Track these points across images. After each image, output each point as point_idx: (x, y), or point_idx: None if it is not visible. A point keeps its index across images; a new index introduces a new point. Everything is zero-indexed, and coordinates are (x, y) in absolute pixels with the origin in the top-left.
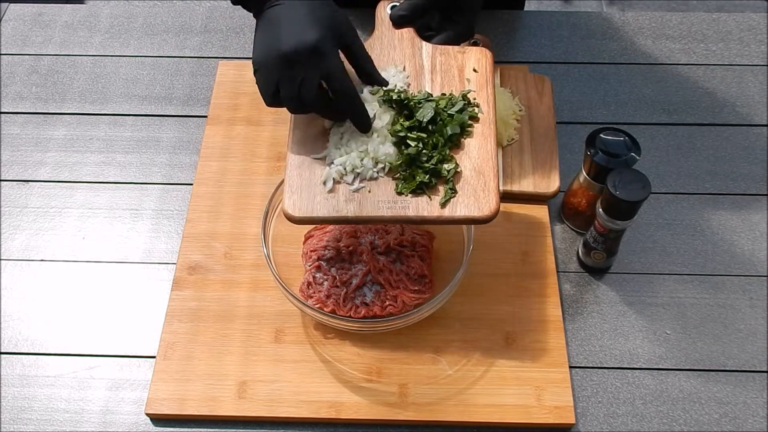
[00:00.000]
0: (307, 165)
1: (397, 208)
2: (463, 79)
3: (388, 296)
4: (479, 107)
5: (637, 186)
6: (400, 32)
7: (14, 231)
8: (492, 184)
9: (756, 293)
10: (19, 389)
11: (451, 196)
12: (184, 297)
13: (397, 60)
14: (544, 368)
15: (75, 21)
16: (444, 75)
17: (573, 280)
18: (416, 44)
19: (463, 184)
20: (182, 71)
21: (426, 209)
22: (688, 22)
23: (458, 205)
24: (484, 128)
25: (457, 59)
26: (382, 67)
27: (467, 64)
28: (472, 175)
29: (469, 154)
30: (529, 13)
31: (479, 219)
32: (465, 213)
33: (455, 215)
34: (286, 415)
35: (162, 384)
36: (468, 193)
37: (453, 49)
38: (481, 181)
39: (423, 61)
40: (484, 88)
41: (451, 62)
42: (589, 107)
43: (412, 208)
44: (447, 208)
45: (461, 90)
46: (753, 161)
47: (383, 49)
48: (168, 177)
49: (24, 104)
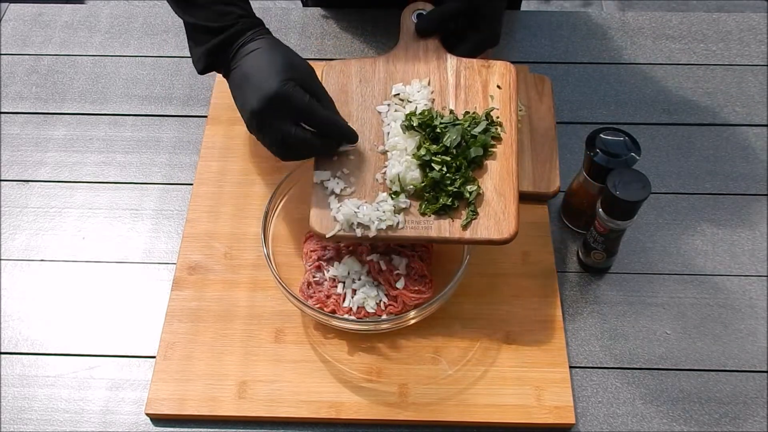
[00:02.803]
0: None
1: (420, 229)
2: (486, 95)
3: (388, 296)
4: (502, 126)
5: (637, 186)
6: (425, 43)
7: (14, 231)
8: (512, 207)
9: (756, 293)
10: (19, 389)
11: (472, 218)
12: (184, 297)
13: (422, 73)
14: (544, 368)
15: (75, 21)
16: (468, 91)
17: (573, 280)
18: (441, 56)
19: (484, 206)
20: (182, 71)
21: (448, 230)
22: (688, 22)
23: (479, 227)
24: (506, 148)
25: (482, 74)
26: (406, 80)
27: (491, 80)
28: (493, 196)
29: (491, 175)
30: (529, 13)
31: (499, 241)
32: (486, 235)
33: (476, 237)
34: (286, 415)
35: (162, 384)
36: (489, 215)
37: (477, 62)
38: (502, 204)
39: (448, 75)
40: (507, 105)
41: (476, 77)
42: (589, 107)
43: (434, 229)
44: (468, 231)
45: (484, 108)
46: (753, 161)
47: (408, 60)
48: (168, 177)
49: (24, 104)
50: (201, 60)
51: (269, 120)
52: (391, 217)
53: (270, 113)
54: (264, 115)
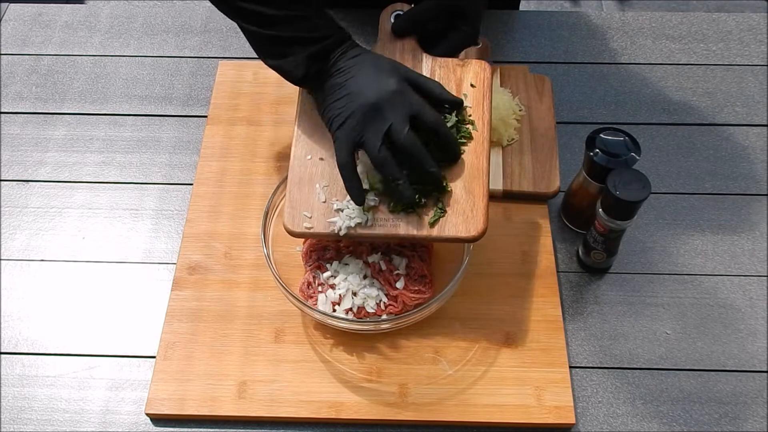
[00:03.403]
0: (306, 181)
1: (389, 226)
2: (460, 94)
3: (388, 296)
4: (473, 124)
5: (637, 186)
6: (401, 43)
7: (14, 231)
8: (481, 204)
9: (756, 293)
10: (19, 389)
11: (440, 215)
12: (184, 297)
13: None
14: (544, 368)
15: (75, 21)
16: None
17: (573, 280)
18: (417, 56)
19: (453, 203)
20: (182, 71)
21: (416, 228)
22: (688, 22)
23: (447, 224)
24: (477, 146)
25: (456, 73)
26: None
27: (465, 78)
28: (462, 194)
29: (461, 173)
30: (529, 13)
31: (466, 239)
32: (453, 233)
33: (443, 235)
34: (286, 415)
35: (162, 384)
36: (457, 212)
37: (453, 61)
38: (470, 201)
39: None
40: (480, 104)
41: (450, 76)
42: (589, 107)
43: (402, 227)
44: (436, 228)
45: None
46: (753, 161)
47: None
48: (168, 177)
49: (24, 104)
50: (301, 66)
51: (385, 113)
52: (360, 215)
53: (385, 107)
54: (379, 108)
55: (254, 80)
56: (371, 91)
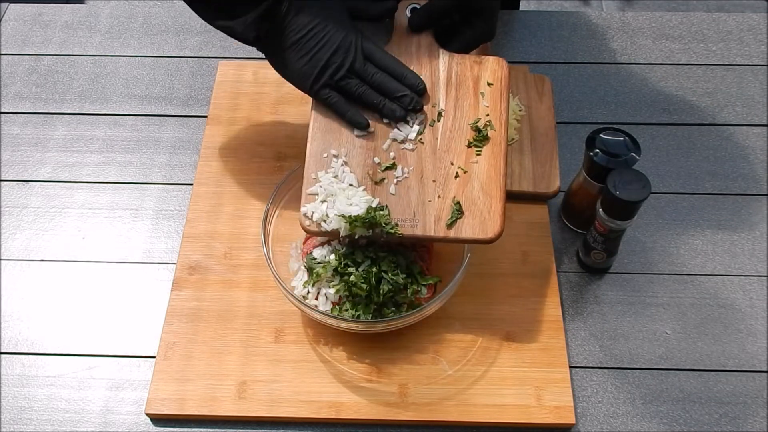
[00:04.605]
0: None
1: (406, 227)
2: (477, 93)
3: None
4: (491, 124)
5: (637, 186)
6: (418, 38)
7: (14, 231)
8: (498, 206)
9: (756, 293)
10: (19, 389)
11: (457, 217)
12: (184, 297)
13: (414, 69)
14: (544, 368)
15: (75, 21)
16: (459, 88)
17: (573, 280)
18: (434, 52)
19: (470, 204)
20: (182, 71)
21: (433, 228)
22: (688, 22)
23: (464, 226)
24: (495, 147)
25: (473, 71)
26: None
27: (483, 77)
28: (479, 195)
29: (479, 174)
30: (530, 13)
31: (483, 240)
32: (470, 235)
33: (460, 236)
34: (286, 415)
35: (162, 384)
36: (474, 214)
37: (470, 58)
38: (488, 203)
39: (439, 71)
40: (498, 103)
41: (467, 73)
42: (589, 107)
43: (419, 227)
44: (453, 230)
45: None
46: (753, 161)
47: (400, 56)
48: (168, 177)
49: (24, 104)
50: (251, 27)
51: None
52: None
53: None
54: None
55: (254, 80)
56: (332, 41)
